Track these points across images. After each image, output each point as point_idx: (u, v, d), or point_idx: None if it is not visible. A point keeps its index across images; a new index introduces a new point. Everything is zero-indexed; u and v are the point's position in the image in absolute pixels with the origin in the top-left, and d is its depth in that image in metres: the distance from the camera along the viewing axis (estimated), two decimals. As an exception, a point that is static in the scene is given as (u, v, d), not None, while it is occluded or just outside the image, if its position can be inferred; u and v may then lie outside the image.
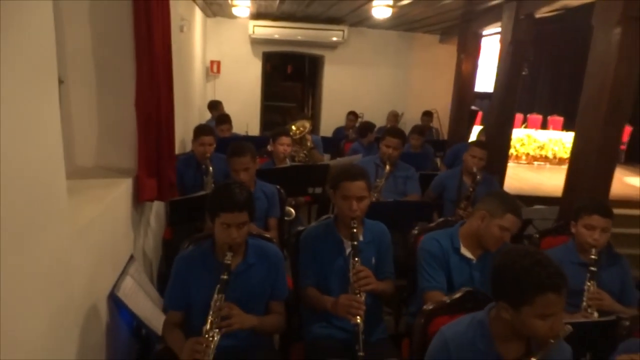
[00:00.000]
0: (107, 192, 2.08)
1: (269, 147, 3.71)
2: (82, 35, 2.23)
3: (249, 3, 5.34)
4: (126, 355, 2.25)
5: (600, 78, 2.59)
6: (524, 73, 5.55)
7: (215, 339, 1.53)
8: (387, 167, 3.26)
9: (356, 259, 1.80)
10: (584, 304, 1.99)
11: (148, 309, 2.23)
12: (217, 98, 6.47)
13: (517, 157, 8.10)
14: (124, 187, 2.24)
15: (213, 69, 7.13)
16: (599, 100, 2.58)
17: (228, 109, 5.85)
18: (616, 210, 5.31)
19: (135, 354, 2.32)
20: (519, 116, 9.11)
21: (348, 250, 1.89)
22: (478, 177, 3.25)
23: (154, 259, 3.06)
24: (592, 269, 2.00)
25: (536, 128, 8.93)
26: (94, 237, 1.82)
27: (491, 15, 4.96)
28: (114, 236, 2.13)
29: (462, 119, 5.97)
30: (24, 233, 1.17)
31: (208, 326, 1.55)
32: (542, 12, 4.07)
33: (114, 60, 2.31)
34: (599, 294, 1.98)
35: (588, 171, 2.72)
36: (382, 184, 3.26)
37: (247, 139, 4.67)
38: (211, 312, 1.57)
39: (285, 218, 2.97)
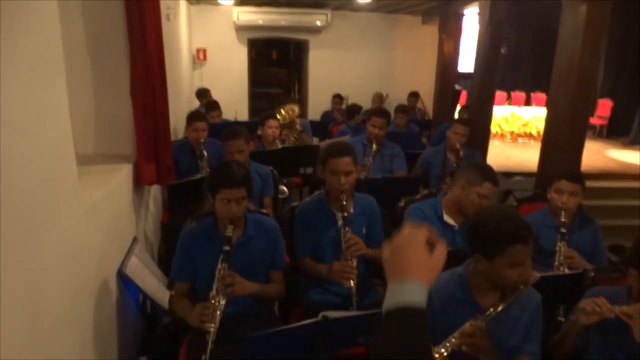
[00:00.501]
0: (110, 176, 2.19)
1: (259, 131, 3.83)
2: (77, 28, 2.32)
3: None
4: (134, 329, 2.39)
5: (569, 53, 2.76)
6: (502, 51, 5.70)
7: (221, 303, 1.68)
8: (374, 146, 3.41)
9: (347, 228, 1.95)
10: (556, 262, 2.18)
11: (154, 285, 2.36)
12: (205, 85, 6.52)
13: (502, 135, 8.29)
14: (125, 172, 2.35)
15: (199, 56, 7.16)
16: (568, 74, 2.76)
17: (216, 96, 5.91)
18: (599, 183, 5.53)
19: (142, 330, 2.46)
20: (502, 94, 9.31)
21: (339, 221, 2.04)
22: (461, 153, 3.42)
23: (154, 242, 3.19)
24: (563, 230, 2.19)
25: (520, 105, 9.14)
26: (102, 217, 1.94)
27: (471, -4, 5.10)
28: (119, 218, 2.26)
29: (445, 98, 6.12)
30: (44, 213, 1.28)
31: (214, 292, 1.70)
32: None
33: (108, 52, 2.40)
34: (569, 253, 2.17)
35: (560, 141, 2.91)
36: (370, 163, 3.41)
37: (237, 124, 4.78)
38: (216, 280, 1.72)
39: (280, 196, 3.12)
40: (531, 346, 1.46)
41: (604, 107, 8.74)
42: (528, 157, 6.96)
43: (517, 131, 8.34)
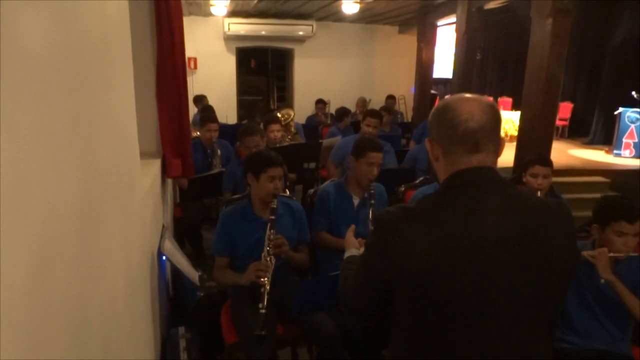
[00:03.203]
0: (148, 169, 2.48)
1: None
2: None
3: (227, 2, 5.71)
4: (165, 305, 2.65)
5: (538, 59, 3.24)
6: (477, 58, 6.21)
7: (273, 261, 2.00)
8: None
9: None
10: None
11: (185, 265, 2.65)
12: (195, 92, 6.81)
13: None
14: (157, 166, 2.64)
15: (190, 65, 7.44)
16: (538, 77, 3.23)
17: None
18: (562, 179, 6.01)
19: (170, 306, 2.72)
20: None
21: (356, 202, 2.41)
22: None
23: (171, 233, 3.46)
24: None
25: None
26: (150, 202, 2.23)
27: (446, 8, 5.59)
28: (155, 205, 2.54)
29: (425, 101, 6.61)
30: (121, 192, 1.43)
31: (265, 253, 2.01)
32: (491, 5, 4.71)
33: (136, 54, 2.68)
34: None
35: (533, 133, 3.38)
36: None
37: (228, 127, 5.10)
38: (266, 243, 2.03)
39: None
40: None
41: (565, 110, 9.39)
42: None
43: None
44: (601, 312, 1.83)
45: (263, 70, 11.67)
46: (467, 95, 1.06)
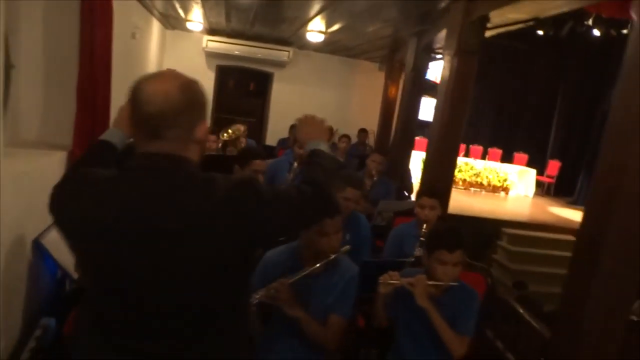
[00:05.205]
0: (43, 157, 2.54)
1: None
2: (35, 28, 2.68)
3: (202, 19, 5.93)
4: (46, 304, 2.51)
5: (443, 98, 3.34)
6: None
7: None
8: (295, 164, 3.88)
9: None
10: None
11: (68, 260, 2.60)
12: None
13: (455, 183, 8.84)
14: (58, 157, 2.69)
15: (168, 76, 7.64)
16: (442, 113, 3.33)
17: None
18: (532, 233, 6.06)
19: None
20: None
21: None
22: (374, 178, 3.92)
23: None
24: (422, 239, 2.63)
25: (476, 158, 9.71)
26: (26, 187, 2.23)
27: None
28: (46, 193, 2.57)
29: (387, 135, 6.78)
30: None
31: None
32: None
33: (61, 52, 2.79)
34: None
35: (434, 167, 3.46)
36: (292, 177, 3.86)
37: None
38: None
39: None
40: (342, 309, 1.77)
41: (553, 167, 9.31)
42: (474, 203, 7.58)
43: (468, 179, 8.93)
44: (427, 338, 1.83)
45: (243, 91, 11.96)
46: (162, 72, 1.04)
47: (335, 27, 5.13)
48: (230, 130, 4.95)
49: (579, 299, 1.85)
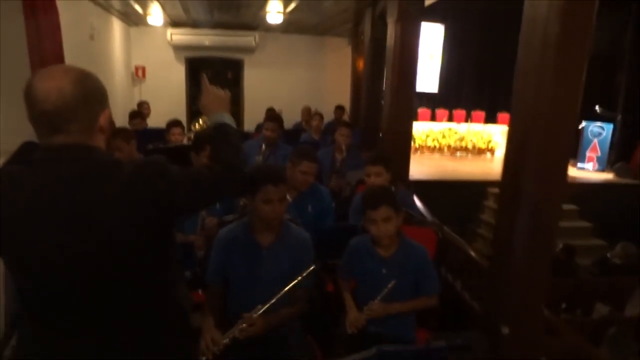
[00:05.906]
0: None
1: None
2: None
3: (161, 13, 5.91)
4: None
5: (390, 64, 3.41)
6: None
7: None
8: (263, 147, 3.95)
9: None
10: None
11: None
12: (144, 99, 6.99)
13: (440, 149, 8.96)
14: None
15: (138, 73, 7.64)
16: (392, 81, 3.42)
17: (156, 109, 6.38)
18: None
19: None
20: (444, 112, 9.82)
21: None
22: (344, 153, 4.01)
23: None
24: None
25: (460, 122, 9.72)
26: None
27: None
28: None
29: (359, 108, 6.81)
30: None
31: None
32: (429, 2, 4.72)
33: (12, 56, 2.84)
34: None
35: (387, 134, 3.52)
36: (261, 161, 3.94)
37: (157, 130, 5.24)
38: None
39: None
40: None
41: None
42: (458, 167, 7.66)
43: (453, 145, 8.95)
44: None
45: (218, 81, 11.90)
46: (54, 68, 1.02)
47: (292, 5, 5.15)
48: (201, 121, 4.99)
49: (508, 228, 2.01)
